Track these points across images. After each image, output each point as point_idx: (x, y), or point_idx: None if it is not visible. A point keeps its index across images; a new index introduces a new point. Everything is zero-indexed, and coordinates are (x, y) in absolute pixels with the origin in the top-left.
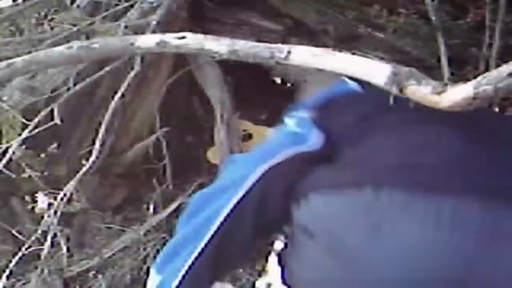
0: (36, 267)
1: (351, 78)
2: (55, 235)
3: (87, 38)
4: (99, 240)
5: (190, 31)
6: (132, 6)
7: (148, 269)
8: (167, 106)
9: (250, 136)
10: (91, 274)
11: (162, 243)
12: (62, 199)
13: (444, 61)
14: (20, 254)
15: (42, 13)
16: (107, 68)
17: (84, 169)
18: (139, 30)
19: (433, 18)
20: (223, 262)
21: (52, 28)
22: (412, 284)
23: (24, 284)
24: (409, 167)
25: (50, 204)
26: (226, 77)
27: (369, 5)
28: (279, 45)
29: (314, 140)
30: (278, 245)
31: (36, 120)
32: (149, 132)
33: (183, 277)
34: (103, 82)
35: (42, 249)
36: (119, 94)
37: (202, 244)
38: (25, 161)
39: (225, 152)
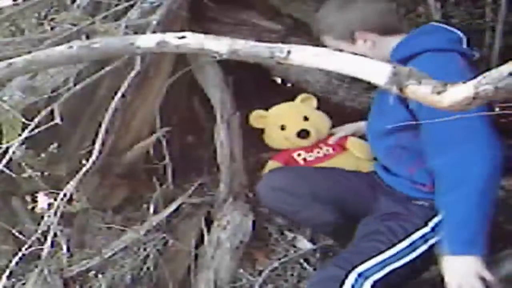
0: (36, 267)
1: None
2: (55, 235)
3: (88, 38)
4: (99, 240)
5: (190, 31)
6: (132, 6)
7: (148, 269)
8: (168, 106)
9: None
10: (91, 274)
11: (162, 243)
12: (62, 199)
13: None
14: (20, 254)
15: (42, 13)
16: (107, 68)
17: (85, 169)
18: (140, 30)
19: (434, 18)
20: None
21: (52, 28)
22: None
23: (24, 284)
24: None
25: (50, 204)
26: (226, 77)
27: None
28: (279, 45)
29: None
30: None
31: (36, 120)
32: (150, 132)
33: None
34: (104, 82)
35: (42, 249)
36: (119, 94)
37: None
38: (26, 161)
39: (225, 152)
